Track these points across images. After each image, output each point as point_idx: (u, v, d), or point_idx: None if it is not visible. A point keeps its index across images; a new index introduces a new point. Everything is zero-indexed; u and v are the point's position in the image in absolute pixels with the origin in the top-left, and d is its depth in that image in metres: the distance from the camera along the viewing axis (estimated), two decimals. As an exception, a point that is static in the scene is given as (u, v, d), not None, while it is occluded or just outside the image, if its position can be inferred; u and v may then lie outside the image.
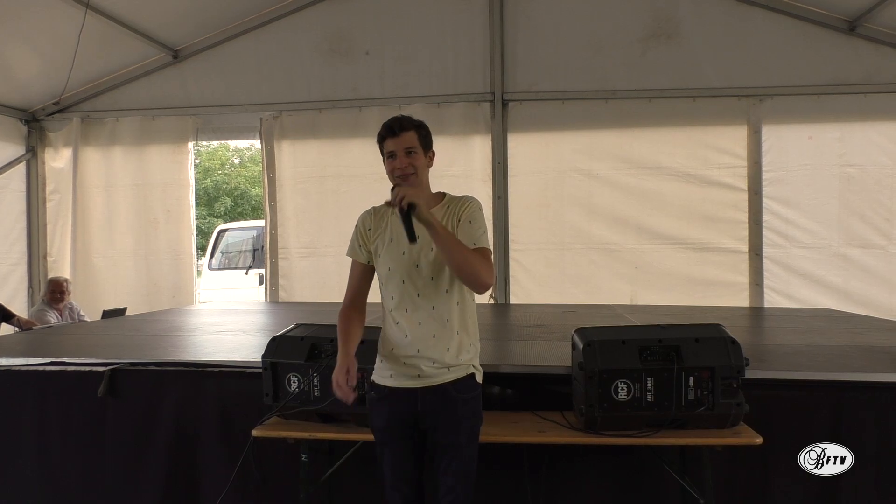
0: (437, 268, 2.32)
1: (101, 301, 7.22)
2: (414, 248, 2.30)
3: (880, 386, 3.01)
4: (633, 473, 3.05)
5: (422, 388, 2.30)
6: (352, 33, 7.38)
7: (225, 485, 3.07)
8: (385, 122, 2.39)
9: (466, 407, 2.33)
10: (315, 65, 7.43)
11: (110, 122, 7.75)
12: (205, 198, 22.05)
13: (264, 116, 7.55)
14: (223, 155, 24.09)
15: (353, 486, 3.18)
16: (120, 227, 7.76)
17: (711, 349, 2.68)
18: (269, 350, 2.91)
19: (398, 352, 2.34)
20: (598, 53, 7.06)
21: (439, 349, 2.31)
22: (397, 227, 2.33)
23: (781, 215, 6.86)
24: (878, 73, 6.74)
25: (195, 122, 7.70)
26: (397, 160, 2.34)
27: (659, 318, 3.13)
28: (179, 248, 7.72)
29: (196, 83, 7.65)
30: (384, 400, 2.36)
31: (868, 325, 4.94)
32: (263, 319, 5.80)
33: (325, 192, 7.45)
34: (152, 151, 7.73)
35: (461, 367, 2.33)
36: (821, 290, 6.78)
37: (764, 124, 6.88)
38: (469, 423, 2.34)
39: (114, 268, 7.75)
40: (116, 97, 7.76)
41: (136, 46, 7.29)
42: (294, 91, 7.47)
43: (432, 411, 2.30)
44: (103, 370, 3.37)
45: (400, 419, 2.33)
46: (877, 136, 6.78)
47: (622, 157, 6.95)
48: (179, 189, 7.72)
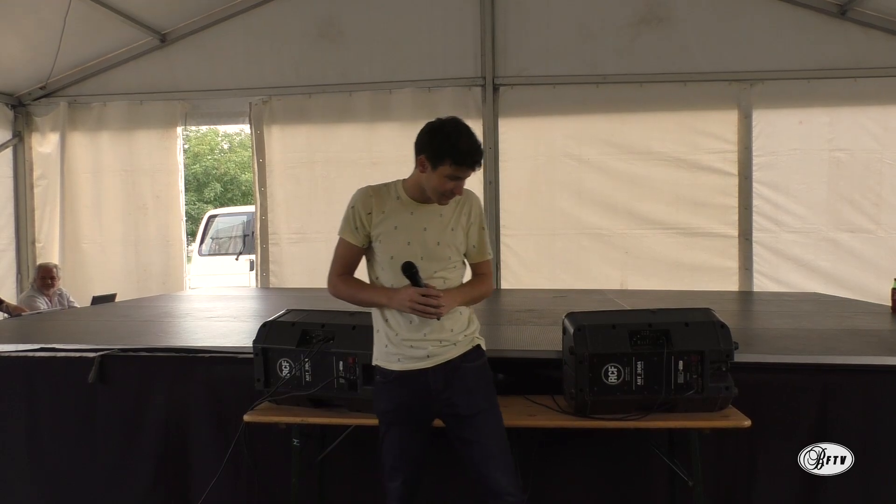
0: (443, 258, 2.34)
1: (91, 287, 7.18)
2: (421, 239, 2.33)
3: (868, 369, 3.05)
4: (622, 456, 3.08)
5: (431, 367, 2.32)
6: (341, 17, 7.31)
7: (216, 470, 3.08)
8: (470, 150, 2.23)
9: (479, 374, 2.37)
10: (304, 49, 7.36)
11: (97, 106, 7.67)
12: (194, 183, 21.93)
13: (253, 101, 7.48)
14: (212, 140, 23.95)
15: (345, 471, 3.19)
16: (109, 213, 7.70)
17: (701, 333, 2.70)
18: (260, 336, 2.91)
19: (404, 335, 2.33)
20: (589, 38, 7.03)
21: (446, 329, 2.33)
22: (401, 216, 2.34)
23: (771, 200, 6.88)
24: (868, 58, 6.74)
25: (183, 107, 7.62)
26: (458, 186, 2.31)
27: (649, 302, 3.14)
28: (169, 234, 7.67)
29: (184, 67, 7.57)
30: (391, 383, 2.36)
31: (856, 309, 4.98)
32: (254, 305, 5.79)
33: (316, 178, 7.41)
34: (140, 136, 7.65)
35: (466, 340, 2.37)
36: (809, 275, 6.82)
37: (754, 109, 6.88)
38: (485, 387, 2.38)
39: (103, 254, 7.71)
40: (103, 82, 7.67)
41: (122, 30, 7.19)
42: (283, 75, 7.40)
43: (445, 387, 2.32)
44: (93, 356, 3.36)
45: (410, 401, 2.34)
46: (866, 121, 6.79)
47: (613, 142, 6.94)
48: (168, 174, 7.66)
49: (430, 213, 2.36)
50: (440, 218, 2.37)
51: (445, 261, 2.35)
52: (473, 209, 2.42)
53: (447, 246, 2.36)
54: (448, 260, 2.36)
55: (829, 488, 2.98)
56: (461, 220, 2.39)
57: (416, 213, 2.36)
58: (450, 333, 2.34)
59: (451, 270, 2.37)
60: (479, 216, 2.43)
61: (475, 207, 2.43)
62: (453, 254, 2.37)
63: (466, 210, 2.40)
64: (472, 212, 2.41)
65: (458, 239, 2.38)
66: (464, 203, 2.41)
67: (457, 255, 2.39)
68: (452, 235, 2.37)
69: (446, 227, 2.36)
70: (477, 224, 2.42)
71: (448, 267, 2.36)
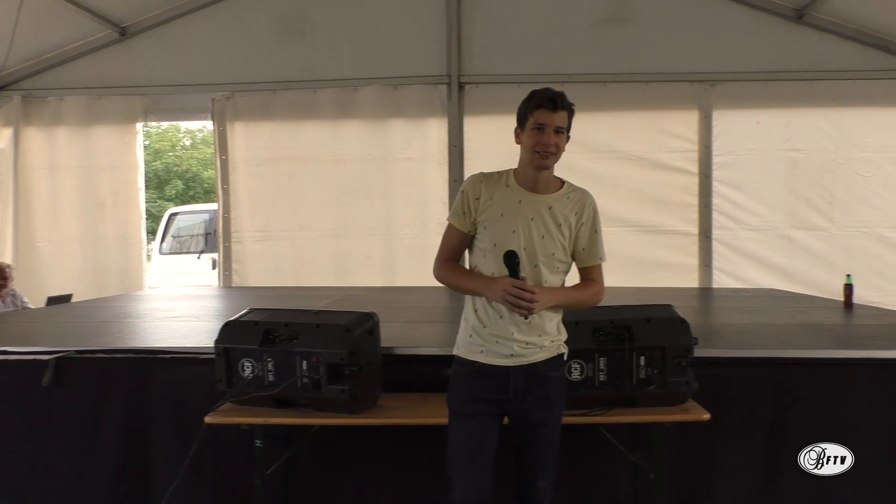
0: (546, 252, 2.28)
1: (46, 287, 6.98)
2: (527, 230, 2.27)
3: (822, 362, 3.14)
4: (585, 451, 3.11)
5: (514, 366, 2.28)
6: (306, 13, 7.23)
7: (177, 473, 3.02)
8: (542, 92, 2.27)
9: (558, 384, 2.36)
10: (269, 44, 7.26)
11: (54, 101, 7.46)
12: (155, 180, 21.48)
13: (216, 97, 7.36)
14: (174, 136, 23.48)
15: (310, 471, 3.17)
16: (65, 211, 7.50)
17: (662, 329, 2.74)
18: (223, 335, 2.88)
19: (491, 329, 2.29)
20: (555, 37, 7.07)
21: (534, 332, 2.29)
22: (509, 203, 2.30)
23: (730, 198, 7.02)
24: (823, 61, 6.91)
25: (143, 102, 7.46)
26: (545, 135, 2.25)
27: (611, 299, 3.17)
28: (128, 232, 7.51)
29: (144, 62, 7.40)
30: (472, 375, 2.31)
31: (810, 304, 5.12)
32: (216, 304, 5.71)
33: (280, 175, 7.32)
34: (99, 132, 7.47)
35: (553, 346, 2.34)
36: (766, 271, 6.97)
37: (714, 109, 7.00)
38: (560, 401, 2.37)
39: (59, 253, 7.51)
40: (60, 75, 7.46)
41: (80, 22, 7.00)
42: (247, 71, 7.29)
43: (525, 389, 2.29)
44: (48, 359, 3.26)
45: (489, 395, 2.29)
46: (821, 122, 6.96)
47: (577, 141, 6.78)
48: (127, 171, 7.49)
49: (540, 204, 2.30)
50: (549, 211, 2.30)
51: (548, 256, 2.28)
52: (587, 209, 2.34)
53: (552, 241, 2.29)
54: (551, 256, 2.29)
55: (785, 479, 3.06)
56: (570, 219, 2.31)
57: (524, 201, 2.30)
58: (538, 337, 2.29)
59: (553, 270, 2.31)
60: (591, 217, 2.34)
61: (588, 207, 2.34)
62: (558, 250, 2.29)
63: (578, 209, 2.33)
64: (584, 211, 2.33)
65: (566, 237, 2.31)
66: (577, 201, 2.34)
67: (562, 252, 2.31)
68: (559, 232, 2.29)
69: (554, 221, 2.29)
70: (589, 225, 2.34)
71: (550, 264, 2.29)
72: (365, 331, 2.84)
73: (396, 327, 3.92)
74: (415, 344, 3.38)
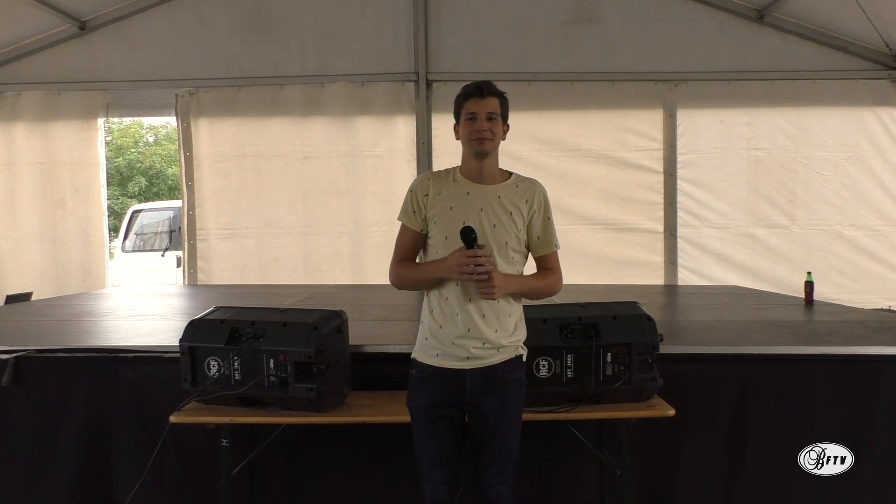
0: (499, 242, 2.28)
1: (5, 286, 6.86)
2: (477, 220, 2.26)
3: (783, 358, 3.20)
4: (553, 448, 3.13)
5: (470, 369, 2.27)
6: (272, 8, 7.15)
7: (141, 474, 2.97)
8: (471, 83, 2.34)
9: (515, 387, 2.33)
10: (234, 40, 7.17)
11: (11, 96, 7.27)
12: (117, 177, 21.07)
13: (180, 93, 7.24)
14: (136, 132, 23.03)
15: (276, 471, 3.14)
16: (24, 208, 7.32)
17: (628, 326, 2.77)
18: (187, 334, 2.83)
19: (447, 330, 2.27)
20: (522, 36, 7.11)
21: (490, 329, 2.27)
22: (458, 196, 2.30)
23: (694, 196, 7.14)
24: (783, 61, 7.07)
25: (105, 98, 7.31)
26: (478, 122, 2.28)
27: (578, 296, 3.20)
28: (89, 230, 7.36)
29: (105, 56, 7.25)
30: (428, 379, 2.30)
31: (772, 301, 5.23)
32: (181, 303, 5.62)
33: (245, 172, 7.25)
34: (58, 128, 7.30)
35: (510, 347, 2.32)
36: (730, 268, 7.12)
37: (679, 108, 7.12)
38: (517, 403, 2.34)
39: (17, 250, 7.32)
40: (17, 70, 7.27)
41: (38, 16, 6.83)
42: (211, 67, 7.19)
43: (482, 392, 2.27)
44: (7, 358, 3.19)
45: (445, 399, 2.28)
46: (782, 122, 7.12)
47: (543, 139, 7.04)
48: (88, 168, 7.34)
49: (488, 193, 2.30)
50: (498, 200, 2.30)
51: (502, 246, 2.27)
52: (536, 196, 2.34)
53: (504, 229, 2.28)
54: (504, 245, 2.28)
55: (747, 472, 3.12)
56: (521, 206, 2.31)
57: (472, 192, 2.31)
58: (494, 335, 2.27)
59: (508, 260, 2.29)
60: (542, 205, 2.34)
61: (538, 195, 2.34)
62: (511, 239, 2.29)
63: (529, 196, 2.33)
64: (535, 199, 2.33)
65: (517, 225, 2.30)
66: (526, 189, 2.34)
67: (515, 241, 2.30)
68: (510, 220, 2.29)
69: (504, 209, 2.29)
70: (541, 213, 2.34)
71: (504, 254, 2.28)
72: (333, 329, 2.83)
73: (365, 325, 3.90)
74: (383, 342, 3.36)
